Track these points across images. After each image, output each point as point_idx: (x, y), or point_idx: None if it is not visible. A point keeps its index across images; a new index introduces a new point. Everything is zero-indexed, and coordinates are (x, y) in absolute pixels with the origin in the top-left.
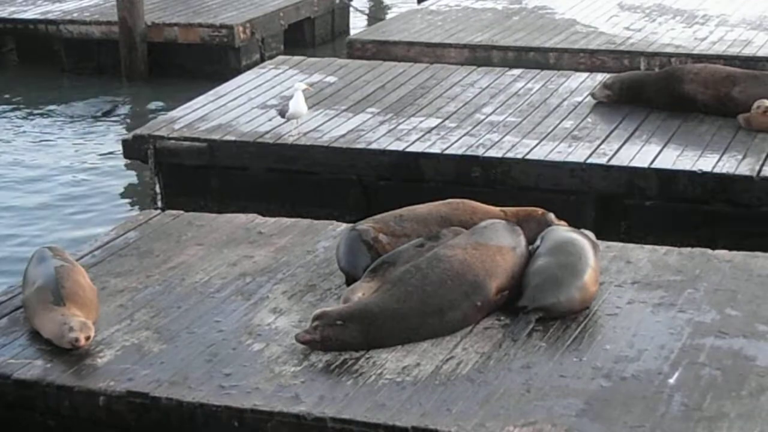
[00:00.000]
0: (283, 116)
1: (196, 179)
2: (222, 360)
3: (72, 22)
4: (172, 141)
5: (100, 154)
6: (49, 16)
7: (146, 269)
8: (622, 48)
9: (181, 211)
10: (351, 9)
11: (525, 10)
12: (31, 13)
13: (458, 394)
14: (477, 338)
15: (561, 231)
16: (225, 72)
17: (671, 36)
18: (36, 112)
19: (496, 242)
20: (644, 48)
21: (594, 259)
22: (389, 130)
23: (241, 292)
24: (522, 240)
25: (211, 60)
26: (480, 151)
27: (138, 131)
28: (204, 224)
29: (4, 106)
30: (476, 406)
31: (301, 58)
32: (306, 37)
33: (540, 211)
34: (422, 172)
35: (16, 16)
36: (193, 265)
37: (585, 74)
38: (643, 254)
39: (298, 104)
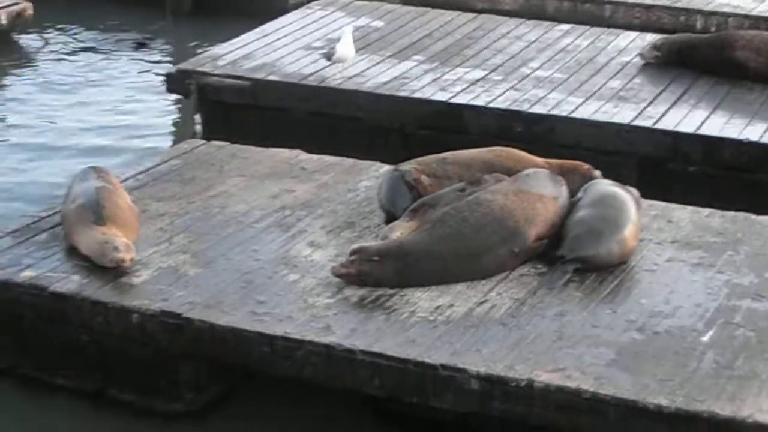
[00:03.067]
0: (329, 59)
1: (237, 118)
2: (257, 287)
3: None
4: (215, 78)
5: (142, 86)
6: None
7: (188, 196)
8: (679, 5)
9: (226, 142)
10: None
11: None
12: None
13: (489, 337)
14: (512, 284)
15: (604, 184)
16: (271, 9)
17: None
18: (79, 40)
19: (537, 190)
20: (702, 6)
21: (636, 215)
22: (434, 80)
23: (280, 224)
24: (564, 191)
25: None
26: (524, 107)
27: (181, 66)
28: (248, 156)
29: (49, 33)
30: (506, 349)
31: (349, 0)
32: None
33: (585, 165)
34: (465, 124)
35: None
36: (234, 195)
37: (634, 33)
38: (685, 215)
39: (345, 47)
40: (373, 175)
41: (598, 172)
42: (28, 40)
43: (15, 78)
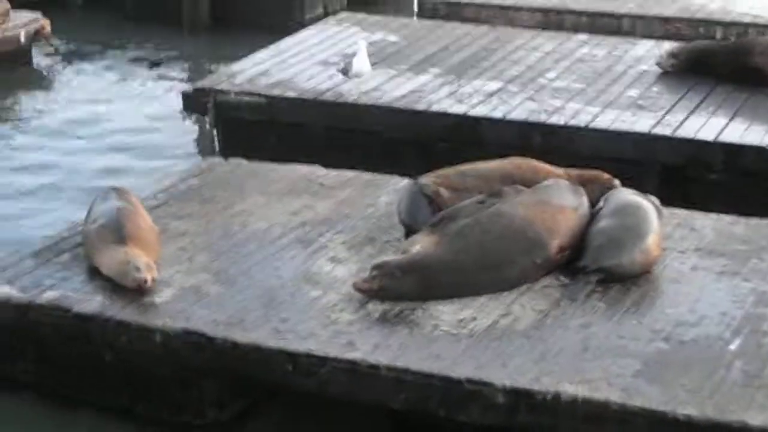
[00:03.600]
0: (345, 74)
1: (254, 134)
2: (279, 305)
3: None
4: (232, 95)
5: (159, 104)
6: None
7: (208, 214)
8: (698, 16)
9: (244, 160)
10: None
11: None
12: None
13: (514, 350)
14: (535, 296)
15: (625, 194)
16: (288, 24)
17: (749, 5)
18: (96, 58)
19: (558, 201)
20: (721, 17)
21: (657, 224)
22: (451, 92)
23: (301, 240)
24: (584, 201)
25: (274, 11)
26: (542, 117)
27: (198, 84)
28: (266, 174)
29: (67, 51)
30: (531, 362)
31: (364, 15)
32: None
33: (605, 175)
34: (482, 136)
35: None
36: (254, 213)
37: (651, 42)
38: (708, 222)
39: (361, 63)
40: (392, 189)
41: (617, 182)
42: (45, 58)
43: (33, 96)
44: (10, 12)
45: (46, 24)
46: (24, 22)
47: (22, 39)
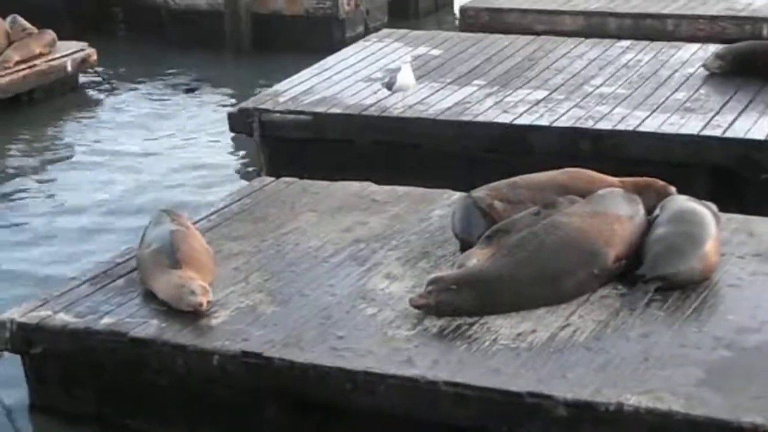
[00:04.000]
0: (389, 89)
1: (301, 152)
2: (335, 323)
3: None
4: (277, 114)
5: (206, 127)
6: None
7: (261, 234)
8: (743, 14)
9: (296, 179)
10: None
11: None
12: None
13: (574, 361)
14: (594, 306)
15: (681, 200)
16: (329, 44)
17: None
18: (142, 84)
19: (614, 211)
20: (767, 14)
21: (715, 230)
22: (496, 103)
23: (355, 257)
24: (640, 209)
25: (315, 32)
26: (589, 123)
27: (243, 104)
28: (318, 191)
29: (113, 79)
30: (592, 373)
31: (406, 31)
32: (410, 9)
33: (660, 182)
34: (530, 145)
35: None
36: (306, 231)
37: (696, 45)
38: (766, 227)
39: (405, 76)
40: (445, 204)
41: (673, 189)
42: (93, 86)
43: (82, 124)
44: (57, 41)
45: (92, 53)
46: (71, 51)
47: (69, 68)
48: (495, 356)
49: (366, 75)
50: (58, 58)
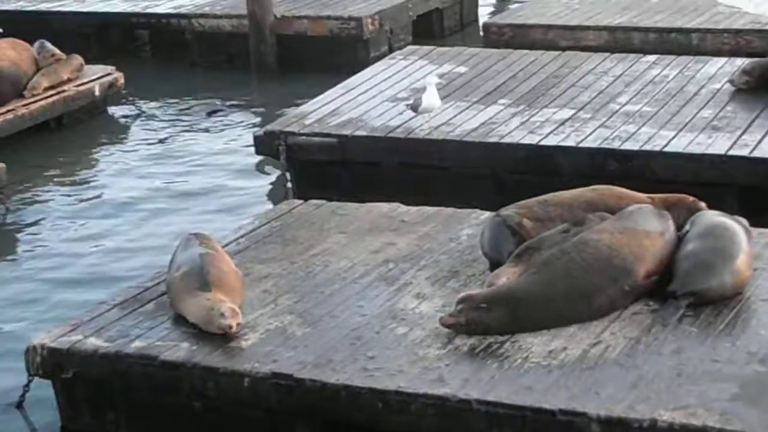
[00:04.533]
0: (415, 111)
1: (327, 175)
2: (365, 343)
3: (203, 15)
4: (303, 137)
5: (232, 149)
6: (182, 10)
7: (290, 256)
8: None
9: (324, 201)
10: None
11: None
12: (163, 7)
13: (606, 378)
14: (625, 323)
15: (712, 215)
16: (353, 64)
17: None
18: (167, 106)
19: (643, 227)
20: None
21: (747, 244)
22: (522, 123)
23: (384, 278)
24: (670, 225)
25: (339, 53)
26: (616, 144)
27: (269, 127)
28: (347, 213)
29: (140, 102)
30: (625, 390)
31: (431, 48)
32: (434, 28)
33: (690, 198)
34: (557, 166)
35: (149, 10)
36: (335, 252)
37: (723, 59)
38: None
39: (431, 98)
40: (473, 223)
41: (703, 204)
42: (120, 110)
43: (110, 149)
44: (84, 66)
45: (119, 77)
46: (98, 75)
47: (97, 92)
48: (527, 374)
49: (391, 95)
50: (86, 83)
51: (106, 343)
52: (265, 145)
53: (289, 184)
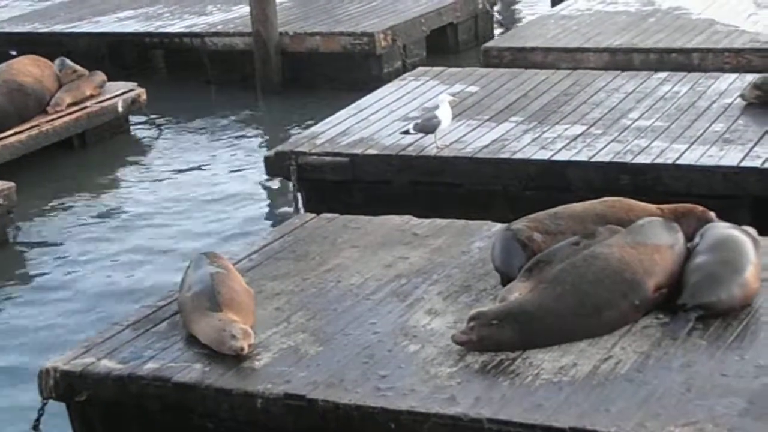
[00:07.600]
0: (430, 131)
1: (339, 194)
2: (378, 362)
3: (216, 34)
4: (314, 156)
5: (244, 169)
6: (195, 29)
7: (302, 272)
8: None
9: (336, 215)
10: (495, 14)
11: (660, 12)
12: (177, 27)
13: (617, 394)
14: (635, 337)
15: (721, 227)
16: (366, 80)
17: None
18: (182, 124)
19: (653, 240)
20: None
21: (755, 256)
22: (533, 139)
23: (397, 293)
24: (680, 237)
25: (352, 69)
26: (628, 158)
27: (280, 147)
28: (359, 227)
29: (160, 118)
30: (635, 406)
31: (441, 68)
32: (449, 43)
33: (700, 208)
34: (569, 181)
35: (163, 30)
36: (348, 268)
37: (733, 75)
38: None
39: (446, 116)
40: (485, 235)
41: (713, 214)
42: (142, 126)
43: (131, 164)
44: (106, 82)
45: (141, 93)
46: (121, 91)
47: (120, 108)
48: (537, 391)
49: (402, 114)
50: (109, 98)
51: (119, 365)
52: (275, 165)
53: (300, 204)
